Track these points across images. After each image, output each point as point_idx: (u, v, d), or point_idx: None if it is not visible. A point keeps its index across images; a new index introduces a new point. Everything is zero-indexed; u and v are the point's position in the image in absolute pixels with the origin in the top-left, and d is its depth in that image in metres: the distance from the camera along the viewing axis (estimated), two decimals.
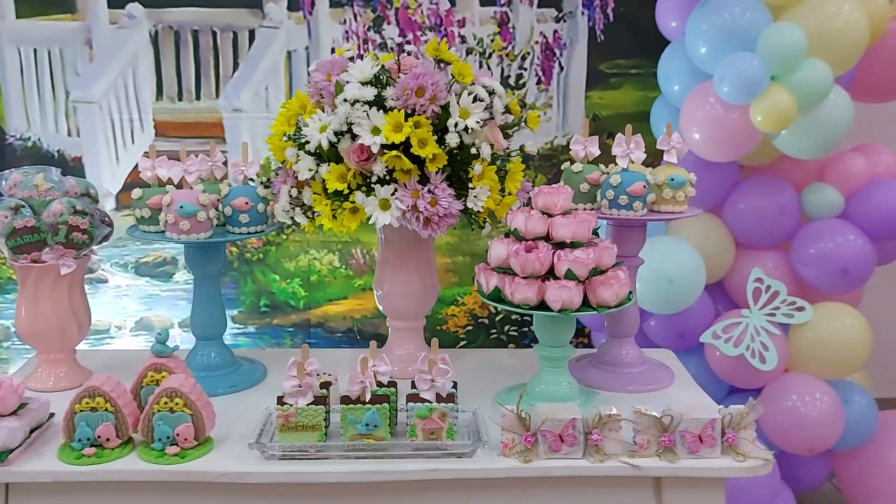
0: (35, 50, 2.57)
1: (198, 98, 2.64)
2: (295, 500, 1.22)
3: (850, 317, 2.25)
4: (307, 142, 1.32)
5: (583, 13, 2.61)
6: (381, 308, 1.58)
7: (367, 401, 1.19)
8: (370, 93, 1.29)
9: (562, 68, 2.66)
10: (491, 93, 1.36)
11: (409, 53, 1.42)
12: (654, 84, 2.46)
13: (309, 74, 1.42)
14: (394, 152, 1.26)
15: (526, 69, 2.65)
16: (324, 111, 1.34)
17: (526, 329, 2.76)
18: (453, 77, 1.36)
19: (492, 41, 2.62)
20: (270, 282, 2.69)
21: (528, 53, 2.65)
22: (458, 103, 1.31)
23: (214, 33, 2.60)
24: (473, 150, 1.32)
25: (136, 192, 1.42)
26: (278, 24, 2.58)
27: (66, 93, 2.59)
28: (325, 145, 1.31)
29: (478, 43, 2.63)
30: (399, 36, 2.60)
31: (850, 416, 2.25)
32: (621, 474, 1.20)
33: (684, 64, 2.26)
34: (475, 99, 1.31)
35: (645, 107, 2.54)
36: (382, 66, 1.34)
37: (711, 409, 1.28)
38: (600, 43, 2.62)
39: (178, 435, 1.19)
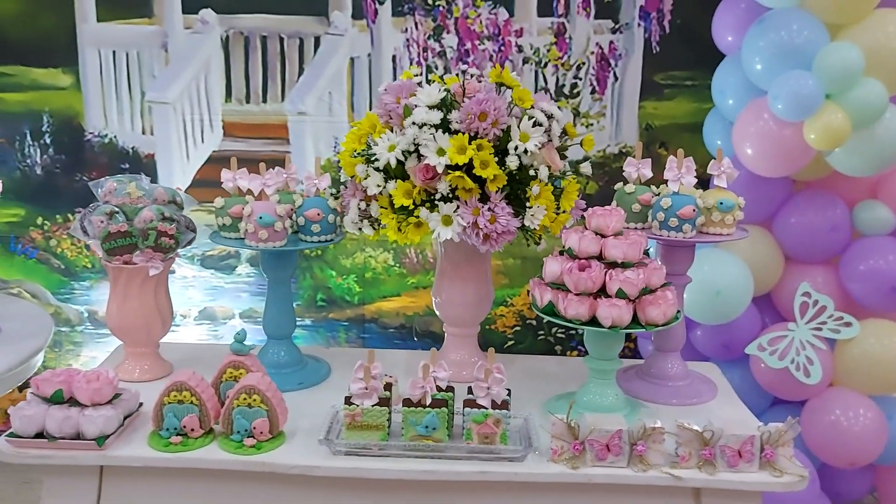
0: (114, 52, 2.72)
1: (264, 101, 2.76)
2: (357, 494, 1.33)
3: None
4: (376, 159, 1.42)
5: (639, 25, 2.65)
6: (438, 314, 1.68)
7: (427, 404, 1.29)
8: (437, 116, 1.38)
9: (616, 78, 2.71)
10: (549, 116, 1.44)
11: (471, 76, 1.49)
12: (708, 96, 2.48)
13: (378, 93, 1.51)
14: (457, 173, 1.36)
15: (581, 79, 2.71)
16: (392, 131, 1.44)
17: (573, 332, 2.81)
18: (513, 101, 1.44)
19: (548, 51, 2.68)
20: (327, 277, 2.80)
21: (584, 63, 2.70)
22: (518, 127, 1.39)
23: (282, 39, 2.71)
24: (531, 171, 1.40)
25: (219, 202, 1.54)
26: (343, 32, 2.68)
27: (142, 93, 2.73)
28: (392, 163, 1.40)
29: (534, 52, 2.69)
30: (458, 45, 2.68)
31: (893, 431, 2.26)
32: (663, 484, 1.28)
33: (739, 79, 2.28)
34: (535, 123, 1.39)
35: (698, 118, 2.57)
36: (448, 91, 1.42)
37: (751, 426, 1.34)
38: (656, 54, 2.66)
39: (254, 428, 1.31)
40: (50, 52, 2.68)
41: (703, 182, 1.60)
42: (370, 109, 2.70)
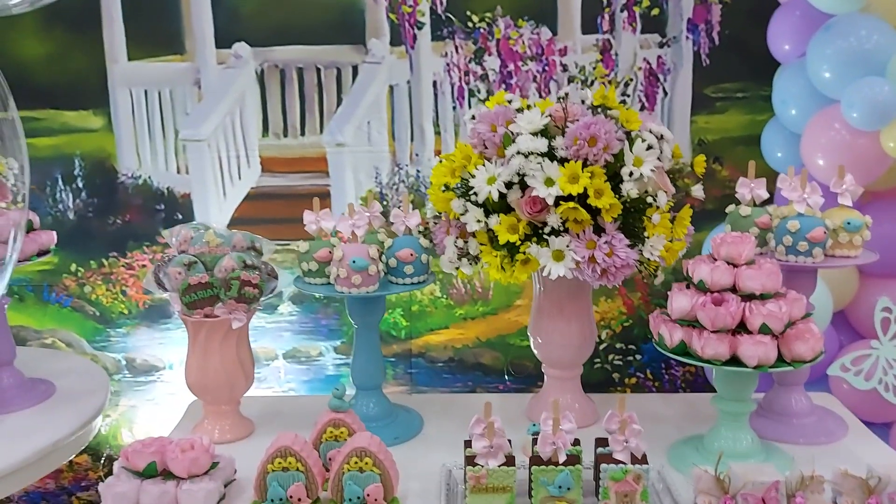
0: (146, 91, 2.62)
1: (302, 134, 2.66)
2: None
3: None
4: (474, 193, 1.30)
5: (687, 38, 2.57)
6: (537, 354, 1.55)
7: (560, 462, 1.16)
8: (543, 144, 1.26)
9: (666, 93, 2.61)
10: (660, 138, 1.33)
11: (567, 98, 1.38)
12: (762, 107, 2.42)
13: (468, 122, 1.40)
14: (570, 204, 1.24)
15: (629, 95, 2.61)
16: (490, 161, 1.32)
17: (630, 358, 2.71)
18: (619, 123, 1.33)
19: (594, 68, 2.59)
20: None
21: (632, 80, 2.61)
22: (630, 151, 1.28)
23: (318, 70, 2.61)
24: (648, 199, 1.29)
25: (303, 246, 1.42)
26: (380, 60, 2.59)
27: (176, 132, 2.63)
28: (494, 196, 1.29)
29: (580, 71, 2.60)
30: (500, 67, 2.59)
31: None
32: None
33: (803, 88, 2.20)
34: (648, 147, 1.28)
35: (752, 130, 2.49)
36: (549, 115, 1.31)
37: None
38: (705, 67, 2.57)
39: (367, 495, 1.17)
40: (80, 93, 2.59)
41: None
42: (411, 138, 2.64)
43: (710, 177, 2.55)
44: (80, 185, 2.64)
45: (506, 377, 2.68)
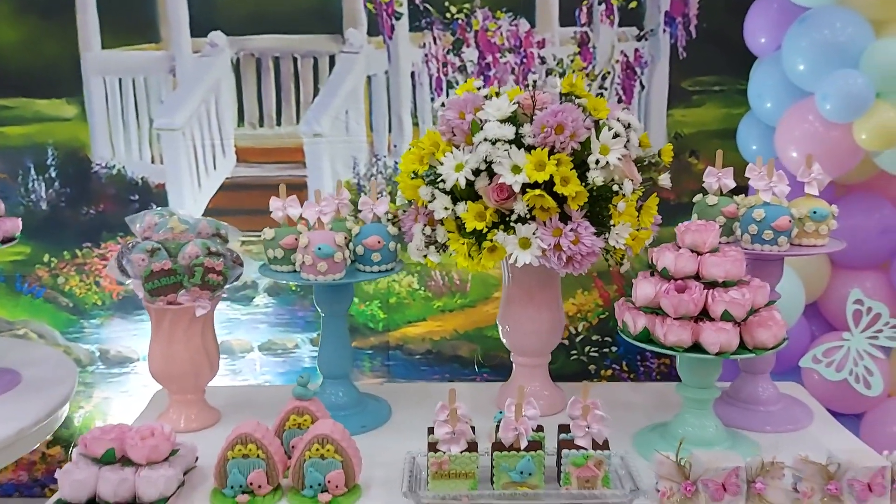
0: (120, 79, 2.60)
1: (279, 124, 2.64)
2: None
3: None
4: (442, 180, 1.30)
5: (665, 31, 2.57)
6: (505, 342, 1.55)
7: (521, 448, 1.16)
8: (510, 131, 1.26)
9: (643, 87, 2.62)
10: (627, 126, 1.33)
11: (535, 85, 1.38)
12: (739, 101, 2.43)
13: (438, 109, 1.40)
14: (537, 191, 1.24)
15: (606, 88, 2.62)
16: (458, 149, 1.32)
17: (607, 350, 2.72)
18: (587, 112, 1.33)
19: (572, 61, 2.59)
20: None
21: (609, 73, 2.61)
22: (597, 139, 1.28)
23: (295, 60, 2.60)
24: (614, 187, 1.29)
25: (269, 233, 1.41)
26: (358, 50, 2.58)
27: (150, 121, 2.61)
28: (462, 184, 1.28)
29: (557, 63, 2.60)
30: (479, 58, 2.58)
31: None
32: None
33: (778, 81, 2.22)
34: (615, 134, 1.28)
35: (728, 124, 2.51)
36: (517, 103, 1.31)
37: (871, 455, 1.23)
38: (682, 60, 2.58)
39: (329, 482, 1.17)
40: (54, 81, 2.56)
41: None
42: (389, 128, 2.64)
43: (685, 170, 2.56)
44: (53, 174, 2.62)
45: (476, 368, 2.68)
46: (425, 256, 1.38)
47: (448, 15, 2.55)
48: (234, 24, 2.54)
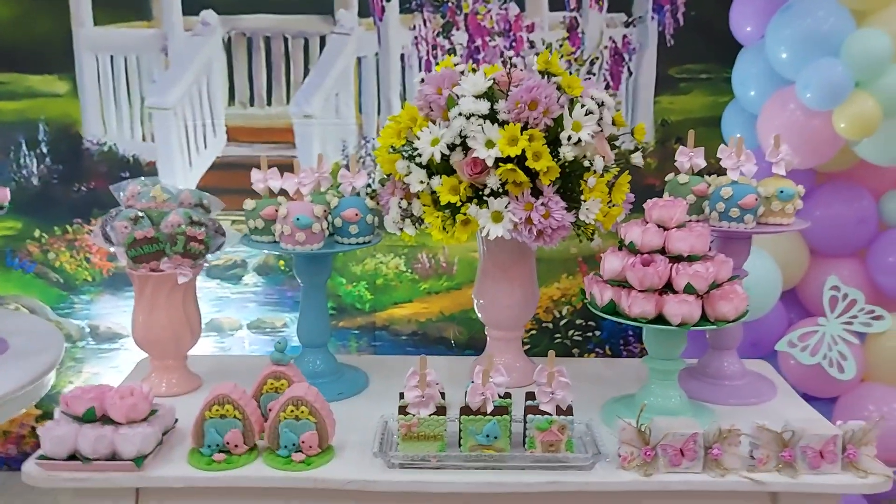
0: (112, 57, 2.64)
1: (269, 104, 2.68)
2: None
3: None
4: (419, 154, 1.34)
5: (653, 18, 2.61)
6: (480, 316, 1.60)
7: (488, 412, 1.20)
8: (485, 106, 1.30)
9: (630, 73, 2.66)
10: (600, 104, 1.37)
11: (514, 65, 1.42)
12: (725, 89, 2.46)
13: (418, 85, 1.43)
14: (509, 165, 1.28)
15: (594, 74, 2.66)
16: (435, 124, 1.36)
17: (590, 334, 2.77)
18: (561, 89, 1.37)
19: (560, 46, 2.63)
20: (337, 285, 2.72)
21: (597, 58, 2.65)
22: (570, 116, 1.32)
23: (286, 39, 2.64)
24: (585, 163, 1.33)
25: (249, 203, 1.45)
26: (349, 31, 2.62)
27: (142, 99, 2.65)
28: (437, 158, 1.32)
29: (546, 47, 2.64)
30: (468, 41, 2.62)
31: None
32: (741, 489, 1.21)
33: (762, 69, 2.26)
34: (587, 112, 1.32)
35: (714, 112, 2.55)
36: (493, 80, 1.35)
37: (824, 424, 1.28)
38: (670, 48, 2.62)
39: (303, 442, 1.22)
40: (45, 57, 2.60)
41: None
42: (378, 111, 2.67)
43: (671, 156, 2.60)
44: (45, 150, 2.66)
45: (452, 344, 2.73)
46: (401, 230, 1.42)
47: None
48: (226, 3, 2.58)
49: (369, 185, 1.47)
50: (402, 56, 2.64)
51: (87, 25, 2.61)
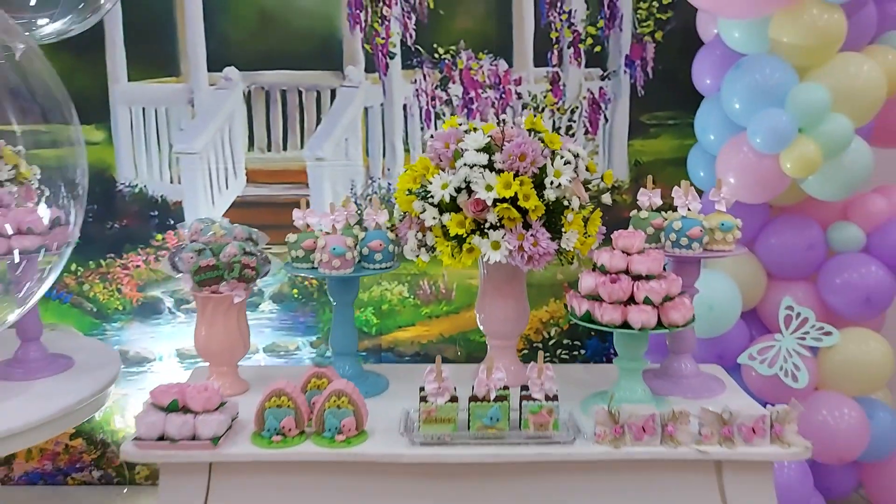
0: (144, 109, 2.98)
1: (285, 149, 3.03)
2: (433, 478, 1.59)
3: (874, 340, 2.54)
4: (432, 196, 1.70)
5: (625, 72, 2.99)
6: (482, 328, 1.95)
7: (492, 399, 1.55)
8: (484, 158, 1.67)
9: (607, 120, 3.03)
10: (576, 156, 1.75)
11: (505, 122, 1.79)
12: (690, 133, 2.79)
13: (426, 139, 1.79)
14: (504, 205, 1.65)
15: (575, 121, 3.03)
16: (444, 171, 1.73)
17: (576, 353, 3.09)
18: (545, 143, 1.74)
19: (544, 97, 3.01)
20: None
21: (577, 107, 3.02)
22: (552, 165, 1.69)
23: (300, 92, 3.00)
24: (565, 202, 1.70)
25: (291, 237, 1.81)
26: (357, 84, 2.98)
27: (170, 145, 2.98)
28: (447, 199, 1.69)
29: (532, 99, 3.01)
30: (463, 93, 2.98)
31: (875, 430, 2.53)
32: (690, 458, 1.56)
33: (720, 117, 2.56)
34: (565, 162, 1.69)
35: (681, 153, 2.89)
36: (490, 136, 1.72)
37: (758, 408, 1.63)
38: (641, 97, 2.99)
39: (343, 426, 1.56)
40: (84, 110, 2.85)
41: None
42: (383, 154, 3.03)
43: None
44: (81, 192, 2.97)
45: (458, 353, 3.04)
46: (418, 256, 1.78)
47: (436, 55, 2.97)
48: (246, 61, 2.94)
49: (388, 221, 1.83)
50: (405, 106, 3.00)
51: (121, 81, 2.94)
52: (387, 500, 1.58)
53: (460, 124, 1.78)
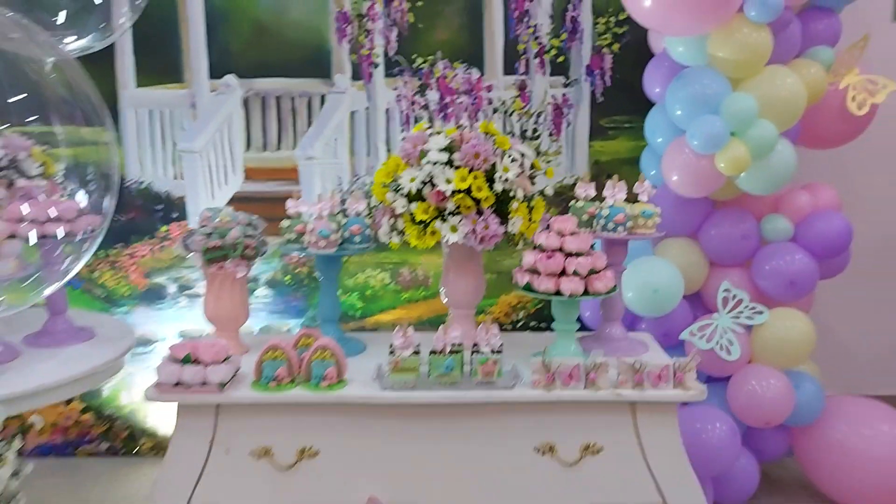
0: (150, 111, 3.31)
1: (279, 148, 3.36)
2: (400, 417, 1.99)
3: (798, 319, 2.88)
4: (401, 188, 2.09)
5: (586, 80, 3.35)
6: (444, 301, 2.33)
7: (448, 352, 1.94)
8: (445, 157, 2.06)
9: (569, 124, 3.38)
10: (522, 155, 2.13)
11: (462, 127, 2.18)
12: (643, 136, 3.11)
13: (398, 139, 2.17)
14: (461, 195, 2.04)
15: (540, 124, 3.38)
16: (412, 168, 2.11)
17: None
18: (497, 144, 2.13)
19: (513, 102, 3.36)
20: None
21: (542, 112, 3.37)
22: (501, 162, 2.08)
23: (293, 98, 3.34)
24: (512, 193, 2.08)
25: (285, 223, 2.20)
26: (344, 90, 3.33)
27: (174, 144, 3.32)
28: (413, 190, 2.08)
29: (502, 104, 3.36)
30: (440, 99, 3.34)
31: (800, 397, 2.88)
32: (609, 400, 1.96)
33: (665, 122, 2.91)
34: (512, 160, 2.08)
35: (635, 153, 3.25)
36: (452, 139, 2.11)
37: (664, 357, 2.02)
38: (600, 103, 3.34)
39: (326, 374, 1.95)
40: None
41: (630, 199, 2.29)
42: (367, 153, 3.38)
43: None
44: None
45: None
46: (390, 239, 2.16)
47: (415, 65, 3.32)
48: (244, 69, 3.28)
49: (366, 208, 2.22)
50: (387, 110, 3.34)
51: (129, 87, 3.28)
52: (362, 434, 1.97)
53: (427, 128, 2.17)
